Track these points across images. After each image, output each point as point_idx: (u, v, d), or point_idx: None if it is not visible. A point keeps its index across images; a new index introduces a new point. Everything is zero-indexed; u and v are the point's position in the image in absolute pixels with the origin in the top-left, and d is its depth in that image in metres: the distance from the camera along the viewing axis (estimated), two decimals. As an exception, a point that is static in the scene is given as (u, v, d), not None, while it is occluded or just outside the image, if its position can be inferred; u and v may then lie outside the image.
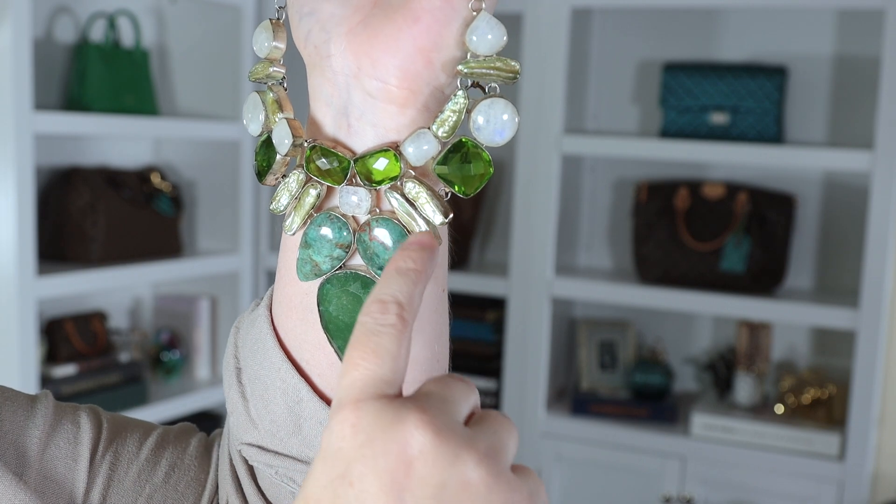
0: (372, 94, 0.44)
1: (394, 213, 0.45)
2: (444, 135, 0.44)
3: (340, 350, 0.48)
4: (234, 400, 0.52)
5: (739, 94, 2.34)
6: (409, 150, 0.44)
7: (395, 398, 0.38)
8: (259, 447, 0.51)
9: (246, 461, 0.53)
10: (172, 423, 0.63)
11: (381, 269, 0.45)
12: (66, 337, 2.27)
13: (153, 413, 2.35)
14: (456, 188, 0.45)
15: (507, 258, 2.59)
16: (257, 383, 0.50)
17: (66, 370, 2.23)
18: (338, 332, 0.48)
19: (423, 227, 0.45)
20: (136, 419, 0.61)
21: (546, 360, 2.51)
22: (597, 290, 2.48)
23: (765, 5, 2.38)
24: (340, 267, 0.47)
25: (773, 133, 2.33)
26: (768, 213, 2.38)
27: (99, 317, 2.38)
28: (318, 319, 0.48)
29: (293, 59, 0.50)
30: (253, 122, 0.49)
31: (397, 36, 0.43)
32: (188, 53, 2.60)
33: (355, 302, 0.47)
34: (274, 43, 0.48)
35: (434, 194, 0.45)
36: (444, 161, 0.45)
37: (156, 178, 2.45)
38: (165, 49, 2.61)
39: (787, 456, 2.30)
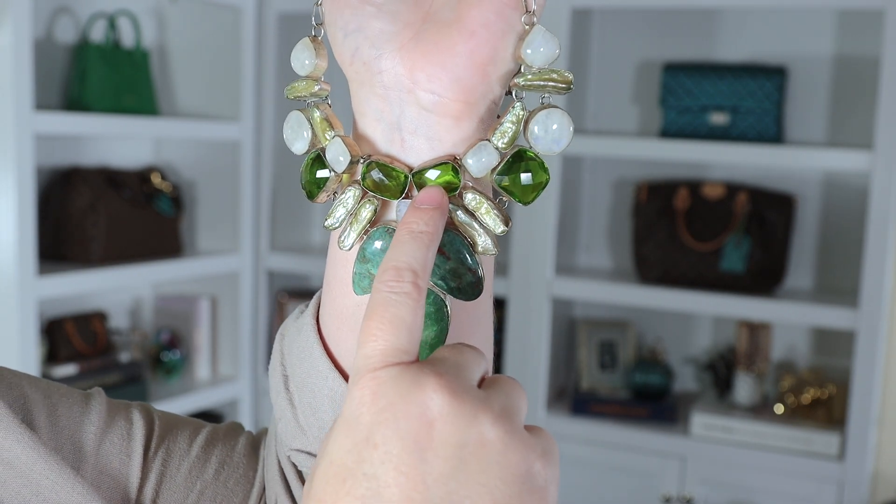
0: (427, 108, 0.45)
1: (452, 222, 0.46)
2: (504, 146, 0.45)
3: None
4: (283, 407, 0.53)
5: (739, 95, 2.34)
6: (470, 162, 0.45)
7: (411, 364, 0.39)
8: (308, 453, 0.52)
9: (295, 466, 0.54)
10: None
11: (441, 279, 0.46)
12: (67, 337, 2.28)
13: (153, 413, 2.35)
14: (515, 197, 0.46)
15: (507, 258, 2.59)
16: (305, 391, 0.51)
17: (66, 370, 2.23)
18: None
19: (484, 236, 0.46)
20: (185, 417, 0.62)
21: (546, 360, 2.51)
22: (597, 290, 2.48)
23: (765, 5, 2.38)
24: None
25: (772, 133, 2.34)
26: (768, 213, 2.38)
27: (99, 317, 2.38)
28: None
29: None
30: (298, 140, 0.48)
31: (453, 50, 0.44)
32: (188, 53, 2.60)
33: None
34: (316, 61, 0.48)
35: (493, 204, 0.46)
36: (504, 171, 0.45)
37: (156, 178, 2.45)
38: (165, 49, 2.61)
39: (786, 456, 2.30)
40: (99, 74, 2.26)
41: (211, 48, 2.58)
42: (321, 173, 0.48)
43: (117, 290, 2.60)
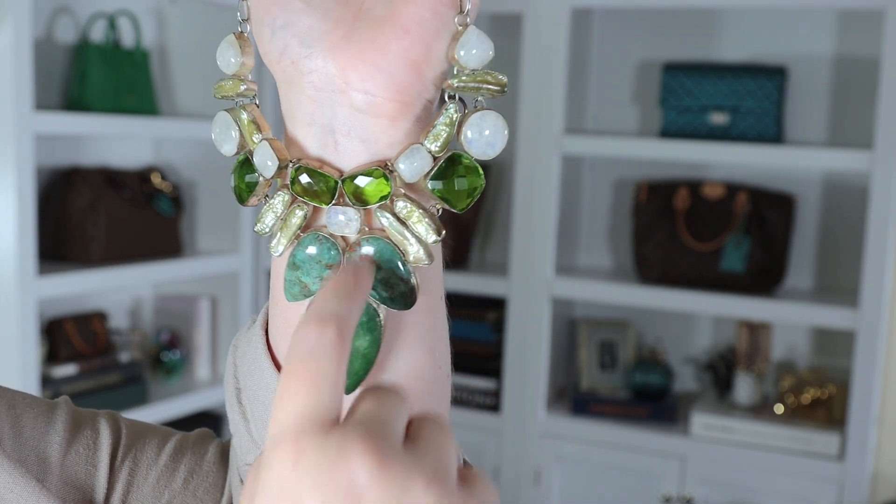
0: (360, 108, 0.43)
1: (384, 231, 0.44)
2: (437, 150, 0.43)
3: None
4: (236, 421, 0.51)
5: (739, 95, 2.34)
6: (402, 167, 0.43)
7: (334, 428, 0.37)
8: None
9: None
10: (173, 423, 0.63)
11: (373, 289, 0.44)
12: (67, 337, 2.27)
13: (153, 413, 2.35)
14: (448, 203, 0.44)
15: (507, 258, 2.59)
16: (256, 403, 0.50)
17: (66, 370, 2.23)
18: None
19: (416, 245, 0.44)
20: (155, 425, 0.61)
21: (546, 360, 2.51)
22: (597, 290, 2.48)
23: (765, 5, 2.38)
24: None
25: (772, 133, 2.34)
26: (768, 213, 2.38)
27: (99, 317, 2.38)
28: None
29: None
30: (226, 142, 0.47)
31: (386, 48, 0.42)
32: (188, 53, 2.60)
33: None
34: (242, 59, 0.47)
35: (426, 212, 0.44)
36: (438, 177, 0.44)
37: (156, 178, 2.45)
38: (165, 49, 2.61)
39: (786, 456, 2.30)
40: (99, 74, 2.26)
41: (211, 48, 2.58)
42: (251, 177, 0.46)
43: (117, 290, 2.60)
